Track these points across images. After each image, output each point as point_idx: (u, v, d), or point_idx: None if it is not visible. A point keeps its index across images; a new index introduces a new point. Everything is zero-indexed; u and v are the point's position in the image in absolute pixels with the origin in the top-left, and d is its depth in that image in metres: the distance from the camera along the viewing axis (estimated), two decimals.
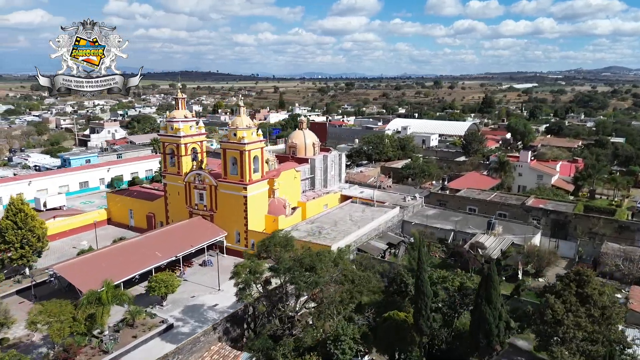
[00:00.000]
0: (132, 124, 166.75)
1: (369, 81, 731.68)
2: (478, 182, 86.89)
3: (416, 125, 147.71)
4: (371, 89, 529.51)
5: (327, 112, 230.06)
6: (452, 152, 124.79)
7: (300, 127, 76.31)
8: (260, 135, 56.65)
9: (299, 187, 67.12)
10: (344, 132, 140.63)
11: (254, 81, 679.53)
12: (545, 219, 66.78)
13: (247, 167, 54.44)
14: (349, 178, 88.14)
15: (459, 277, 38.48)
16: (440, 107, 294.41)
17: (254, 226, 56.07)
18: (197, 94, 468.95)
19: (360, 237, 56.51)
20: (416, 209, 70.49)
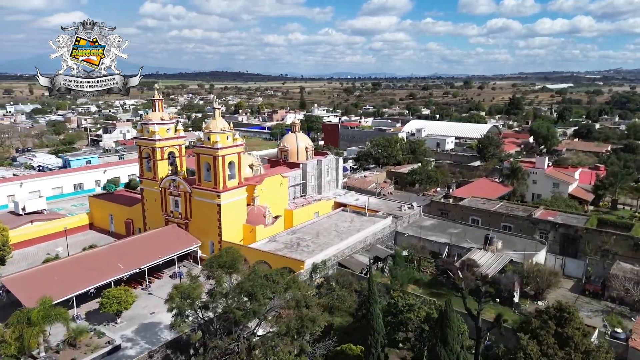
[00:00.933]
0: None
1: (398, 81, 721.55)
2: (487, 190, 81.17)
3: (433, 128, 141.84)
4: (398, 89, 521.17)
5: (346, 113, 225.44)
6: (467, 157, 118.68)
7: (293, 130, 72.51)
8: (237, 140, 53.20)
9: (286, 194, 63.37)
10: (357, 134, 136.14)
11: (282, 81, 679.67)
12: (553, 233, 60.94)
13: (220, 173, 51.05)
14: (349, 183, 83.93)
15: (427, 306, 33.90)
16: (467, 108, 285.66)
17: (229, 236, 52.64)
18: (224, 94, 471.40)
19: (342, 250, 52.28)
20: (412, 219, 65.65)
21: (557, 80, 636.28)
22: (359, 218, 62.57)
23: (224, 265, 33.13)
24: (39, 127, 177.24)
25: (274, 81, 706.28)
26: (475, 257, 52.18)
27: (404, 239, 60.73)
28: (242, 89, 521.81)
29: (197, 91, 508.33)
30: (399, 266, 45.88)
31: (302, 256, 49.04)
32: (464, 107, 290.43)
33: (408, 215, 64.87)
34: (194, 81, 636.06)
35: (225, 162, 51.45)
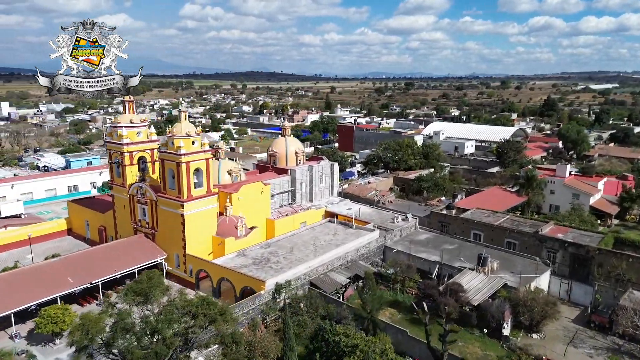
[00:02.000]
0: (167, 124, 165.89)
1: (434, 81, 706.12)
2: (498, 200, 74.49)
3: (453, 130, 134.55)
4: (431, 89, 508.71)
5: (369, 114, 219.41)
6: (487, 162, 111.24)
7: (283, 133, 68.18)
8: (205, 145, 49.33)
9: (267, 203, 59.15)
10: (371, 136, 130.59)
11: (314, 81, 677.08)
12: (562, 252, 54.22)
13: (184, 181, 47.30)
14: (348, 190, 78.93)
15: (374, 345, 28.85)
16: (500, 109, 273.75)
17: (196, 249, 48.86)
18: (255, 94, 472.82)
19: (315, 267, 47.54)
20: (406, 232, 60.15)
21: (602, 81, 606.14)
22: (344, 230, 57.65)
23: (140, 292, 29.07)
24: (62, 126, 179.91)
25: (307, 81, 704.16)
26: (464, 280, 46.50)
27: (392, 255, 55.45)
28: (273, 89, 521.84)
29: (230, 91, 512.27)
30: (370, 289, 40.91)
31: (267, 274, 44.70)
32: (498, 108, 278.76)
33: (400, 228, 59.42)
34: (229, 81, 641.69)
35: (191, 169, 47.66)
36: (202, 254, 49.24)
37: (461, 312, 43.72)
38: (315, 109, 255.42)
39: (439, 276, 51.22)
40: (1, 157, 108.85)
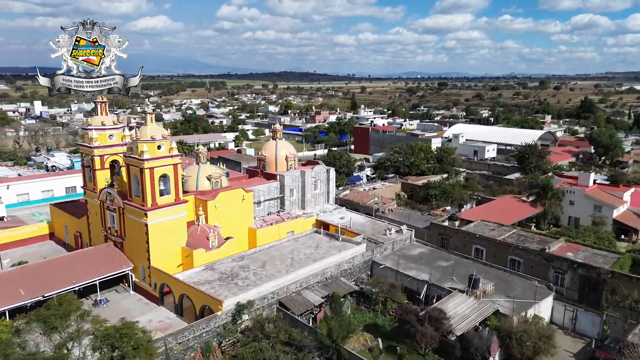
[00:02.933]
0: (184, 124, 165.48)
1: (470, 81, 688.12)
2: (511, 211, 68.47)
3: (474, 133, 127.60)
4: (465, 89, 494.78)
5: (393, 114, 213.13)
6: (507, 168, 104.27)
7: (274, 136, 64.37)
8: (174, 149, 46.02)
9: (249, 211, 55.50)
10: (387, 139, 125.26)
11: (346, 81, 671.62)
12: (571, 274, 48.21)
13: (148, 188, 44.13)
14: (349, 197, 74.45)
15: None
16: (536, 110, 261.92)
17: (161, 261, 45.62)
18: (285, 94, 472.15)
19: (287, 285, 43.46)
20: (399, 245, 55.27)
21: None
22: (329, 242, 53.32)
23: (46, 319, 25.77)
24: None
25: (339, 82, 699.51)
26: (451, 304, 41.48)
27: (379, 271, 50.80)
28: (303, 89, 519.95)
29: (261, 91, 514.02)
30: (336, 313, 36.52)
31: (229, 292, 41.00)
32: (533, 109, 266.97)
33: (392, 241, 54.58)
34: (262, 81, 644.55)
35: (155, 176, 44.44)
36: (169, 266, 46.00)
37: (443, 342, 38.89)
38: (340, 110, 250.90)
39: (427, 297, 46.35)
40: (13, 156, 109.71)
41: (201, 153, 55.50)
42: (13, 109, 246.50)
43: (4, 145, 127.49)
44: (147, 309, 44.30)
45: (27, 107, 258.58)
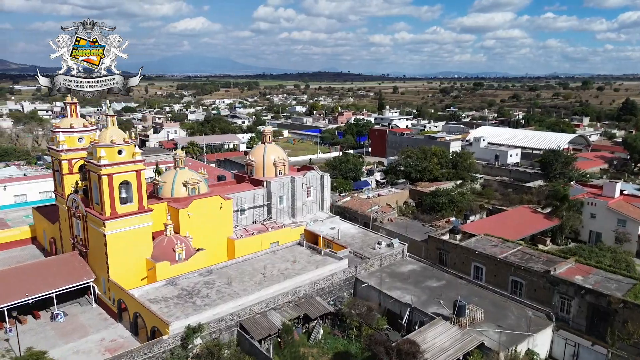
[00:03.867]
0: (205, 125, 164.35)
1: (509, 80, 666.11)
2: (523, 223, 62.47)
3: (499, 136, 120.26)
4: (502, 89, 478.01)
5: (419, 116, 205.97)
6: (530, 174, 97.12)
7: (263, 140, 60.71)
8: (137, 154, 42.95)
9: (229, 220, 51.94)
10: (405, 141, 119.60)
11: (380, 81, 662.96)
12: (578, 300, 42.29)
13: (106, 195, 41.22)
14: (348, 204, 69.99)
15: None
16: (574, 111, 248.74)
17: (122, 274, 42.61)
18: (316, 94, 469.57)
19: (250, 305, 39.59)
20: (388, 260, 50.50)
21: None
22: (309, 257, 49.13)
23: None
24: None
25: (372, 82, 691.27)
26: (430, 334, 36.64)
27: (362, 290, 46.29)
28: (335, 89, 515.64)
29: (292, 91, 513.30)
30: (287, 345, 32.37)
31: (182, 313, 37.51)
32: (572, 111, 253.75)
33: (380, 256, 49.87)
34: (296, 82, 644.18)
35: (114, 183, 41.48)
36: (131, 279, 43.00)
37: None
38: (368, 111, 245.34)
39: (409, 322, 41.55)
40: (26, 155, 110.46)
41: (179, 157, 52.40)
42: (47, 108, 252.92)
43: (23, 145, 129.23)
44: (104, 326, 41.36)
45: (62, 107, 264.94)
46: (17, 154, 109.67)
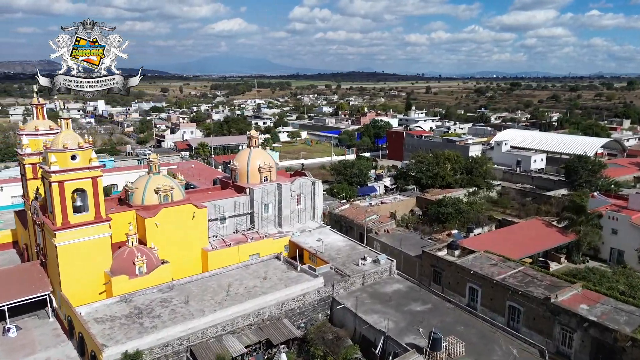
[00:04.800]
0: (223, 125, 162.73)
1: (550, 80, 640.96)
2: (534, 238, 56.53)
3: (526, 140, 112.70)
4: (541, 90, 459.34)
5: (445, 117, 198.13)
6: (554, 182, 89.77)
7: (250, 144, 57.07)
8: (94, 160, 40.03)
9: (203, 230, 48.57)
10: (422, 144, 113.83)
11: (413, 81, 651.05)
12: (581, 334, 36.62)
13: (57, 204, 38.50)
14: (344, 212, 65.58)
15: None
16: (616, 113, 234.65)
17: (76, 288, 39.77)
18: (347, 94, 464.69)
19: (203, 328, 35.93)
20: (372, 279, 45.87)
21: None
22: (284, 273, 45.06)
23: None
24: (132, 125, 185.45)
25: (406, 81, 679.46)
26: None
27: (338, 312, 41.94)
28: (366, 89, 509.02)
29: (324, 91, 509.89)
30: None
31: (124, 336, 34.17)
32: (615, 112, 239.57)
33: (362, 274, 45.30)
34: (328, 82, 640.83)
35: (66, 190, 38.69)
36: (88, 294, 40.07)
37: None
38: (396, 111, 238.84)
39: (384, 352, 36.94)
40: None
41: (152, 162, 49.38)
42: (78, 108, 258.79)
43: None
44: (54, 343, 38.46)
45: (95, 106, 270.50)
46: None
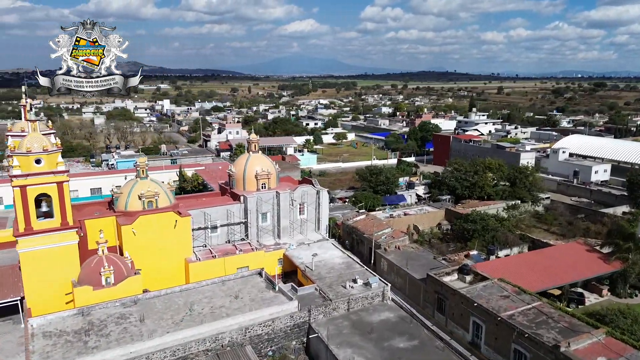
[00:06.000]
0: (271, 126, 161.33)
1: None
2: (568, 265, 48.41)
3: (589, 147, 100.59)
4: (629, 90, 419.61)
5: (508, 120, 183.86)
6: (615, 197, 78.58)
7: (249, 148, 53.64)
8: (60, 164, 38.28)
9: (187, 239, 45.81)
10: (470, 150, 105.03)
11: (486, 81, 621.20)
12: None
13: (19, 209, 37.19)
14: (356, 224, 60.37)
15: None
16: None
17: (40, 297, 38.45)
18: (413, 94, 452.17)
19: (148, 353, 32.75)
20: (360, 304, 40.69)
21: None
22: (260, 292, 40.96)
23: None
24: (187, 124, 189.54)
25: (478, 81, 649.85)
26: None
27: (314, 341, 37.29)
28: (433, 89, 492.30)
29: (389, 91, 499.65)
30: None
31: (61, 356, 31.78)
32: None
33: (347, 299, 40.25)
34: (397, 82, 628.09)
35: (29, 195, 37.24)
36: (54, 303, 38.61)
37: None
38: (455, 112, 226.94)
39: None
40: (86, 152, 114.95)
41: (140, 166, 47.30)
42: (146, 107, 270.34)
43: (97, 141, 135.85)
44: (14, 352, 37.15)
45: (162, 105, 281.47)
46: (79, 151, 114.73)
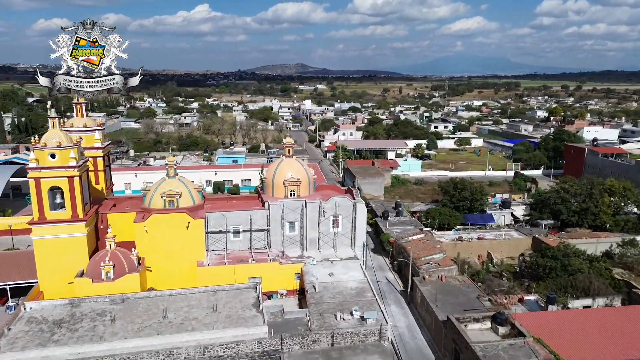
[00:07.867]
0: (392, 128, 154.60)
1: None
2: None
3: None
4: None
5: None
6: None
7: (284, 153, 50.45)
8: (71, 160, 40.06)
9: (199, 242, 44.87)
10: (607, 165, 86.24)
11: None
12: None
13: (34, 199, 40.05)
14: (411, 244, 53.28)
15: None
16: None
17: (51, 283, 41.07)
18: (588, 96, 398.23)
19: (99, 357, 31.99)
20: (349, 340, 34.82)
21: None
22: (242, 310, 37.56)
23: None
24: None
25: None
26: None
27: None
28: (614, 91, 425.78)
29: (557, 93, 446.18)
30: None
31: (25, 343, 32.86)
32: None
33: (332, 332, 34.75)
34: (570, 82, 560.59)
35: (42, 187, 39.78)
36: (64, 290, 40.86)
37: None
38: (626, 120, 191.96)
39: None
40: (205, 146, 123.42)
41: (169, 164, 47.79)
42: (289, 106, 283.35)
43: (224, 137, 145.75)
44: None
45: (301, 104, 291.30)
46: (200, 145, 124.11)
